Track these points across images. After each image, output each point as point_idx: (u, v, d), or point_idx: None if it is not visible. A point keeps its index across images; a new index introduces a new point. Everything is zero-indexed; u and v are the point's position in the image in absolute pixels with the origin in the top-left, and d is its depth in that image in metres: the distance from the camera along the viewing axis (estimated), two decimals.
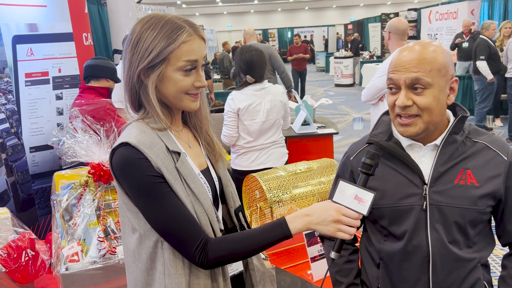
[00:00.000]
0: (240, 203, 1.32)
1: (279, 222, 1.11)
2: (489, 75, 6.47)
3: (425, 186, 1.26)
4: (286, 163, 3.14)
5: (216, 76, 11.31)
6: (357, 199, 1.07)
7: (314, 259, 1.83)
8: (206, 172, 1.23)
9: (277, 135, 3.08)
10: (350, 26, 21.60)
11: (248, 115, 2.90)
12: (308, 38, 26.88)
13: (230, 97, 2.94)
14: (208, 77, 6.44)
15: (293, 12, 31.86)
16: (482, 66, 6.47)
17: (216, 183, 1.26)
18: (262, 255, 1.77)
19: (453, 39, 8.86)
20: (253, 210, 2.08)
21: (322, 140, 4.22)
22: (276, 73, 5.35)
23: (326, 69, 19.62)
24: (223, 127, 3.00)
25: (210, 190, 1.19)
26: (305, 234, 1.83)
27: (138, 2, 9.30)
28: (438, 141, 1.27)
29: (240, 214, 1.31)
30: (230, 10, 30.63)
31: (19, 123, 3.13)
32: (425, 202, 1.26)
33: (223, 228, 1.23)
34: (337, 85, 14.75)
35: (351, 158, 1.41)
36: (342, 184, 1.09)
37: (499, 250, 3.39)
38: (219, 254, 1.08)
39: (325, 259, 1.82)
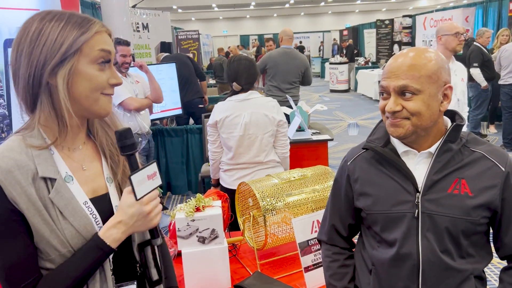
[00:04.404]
0: (149, 237, 1.08)
1: (94, 243, 0.97)
2: (483, 82, 6.48)
3: (418, 194, 1.25)
4: None
5: (211, 81, 11.28)
6: (150, 178, 1.00)
7: (307, 268, 1.80)
8: (100, 200, 1.05)
9: (264, 155, 2.70)
10: (345, 32, 21.72)
11: (225, 128, 2.66)
12: (304, 44, 26.75)
13: (214, 108, 2.78)
14: (202, 78, 6.35)
15: (289, 18, 31.96)
16: (476, 73, 6.49)
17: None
18: None
19: None
20: (246, 218, 2.05)
21: (316, 146, 4.19)
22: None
23: (322, 75, 19.70)
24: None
25: (101, 221, 1.02)
26: (298, 244, 1.80)
27: (133, 7, 9.29)
28: (432, 149, 1.26)
29: (148, 250, 1.10)
30: (226, 15, 30.68)
31: (10, 127, 3.09)
32: (417, 210, 1.24)
33: (111, 266, 1.04)
34: (332, 91, 14.80)
35: (348, 163, 1.42)
36: (133, 178, 0.96)
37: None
38: None
39: (319, 269, 1.79)
